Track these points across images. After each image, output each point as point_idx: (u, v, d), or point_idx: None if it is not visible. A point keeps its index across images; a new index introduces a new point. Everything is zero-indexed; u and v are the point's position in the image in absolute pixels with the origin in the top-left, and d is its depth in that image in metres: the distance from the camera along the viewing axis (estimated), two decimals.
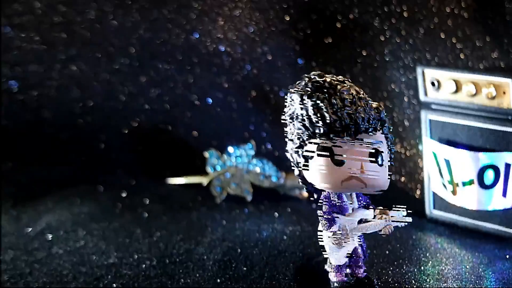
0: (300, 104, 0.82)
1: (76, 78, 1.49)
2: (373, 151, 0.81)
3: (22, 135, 1.51)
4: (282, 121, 0.86)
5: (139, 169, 1.49)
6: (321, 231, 0.86)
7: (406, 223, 0.82)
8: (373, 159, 0.81)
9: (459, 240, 1.13)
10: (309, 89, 0.81)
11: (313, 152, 0.82)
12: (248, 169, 1.30)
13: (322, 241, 0.88)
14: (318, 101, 0.80)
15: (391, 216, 0.82)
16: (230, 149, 1.31)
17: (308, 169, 0.83)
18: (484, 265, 1.03)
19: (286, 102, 0.86)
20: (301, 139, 0.83)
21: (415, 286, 0.96)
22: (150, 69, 1.48)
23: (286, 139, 0.87)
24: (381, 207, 0.84)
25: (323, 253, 0.89)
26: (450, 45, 1.29)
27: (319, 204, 0.85)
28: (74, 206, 1.25)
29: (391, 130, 0.84)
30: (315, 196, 0.87)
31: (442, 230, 1.16)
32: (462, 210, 1.15)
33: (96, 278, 0.99)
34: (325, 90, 0.80)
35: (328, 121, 0.79)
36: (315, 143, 0.82)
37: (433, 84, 1.16)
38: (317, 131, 0.81)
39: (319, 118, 0.80)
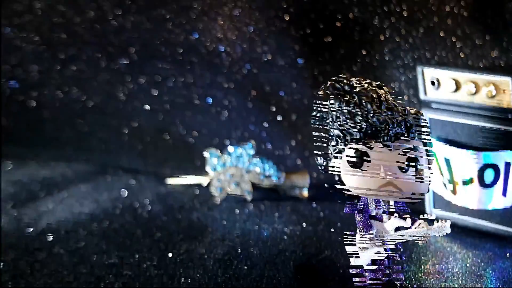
0: (332, 108, 0.83)
1: (76, 78, 1.50)
2: (404, 155, 0.82)
3: (22, 135, 1.52)
4: (315, 125, 0.85)
5: (139, 169, 1.50)
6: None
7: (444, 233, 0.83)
8: (401, 165, 0.82)
9: (459, 239, 1.13)
10: (341, 93, 0.82)
11: (354, 156, 0.83)
12: (248, 169, 1.30)
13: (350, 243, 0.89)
14: (352, 107, 0.81)
15: (429, 227, 0.82)
16: (230, 148, 1.31)
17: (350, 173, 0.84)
18: (484, 264, 1.03)
19: (317, 106, 0.85)
20: (339, 144, 0.84)
21: (415, 286, 0.96)
22: (150, 69, 1.48)
23: (324, 144, 0.87)
24: (422, 219, 0.84)
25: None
26: (449, 44, 1.29)
27: (357, 209, 0.87)
28: (74, 206, 1.25)
29: (424, 135, 0.84)
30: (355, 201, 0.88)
31: None
32: (462, 209, 1.16)
33: (97, 278, 0.99)
34: (360, 96, 0.81)
35: (359, 127, 0.81)
36: (350, 148, 0.83)
37: (433, 83, 1.16)
38: (348, 137, 0.83)
39: (353, 124, 0.81)
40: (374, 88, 0.83)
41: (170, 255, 1.06)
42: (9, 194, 1.31)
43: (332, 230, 1.15)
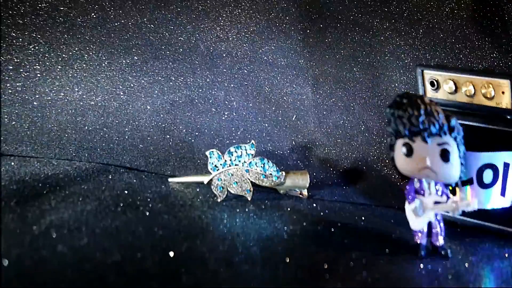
0: (391, 114, 1.02)
1: (78, 77, 1.50)
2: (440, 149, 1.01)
3: (25, 133, 1.52)
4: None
5: (141, 167, 1.50)
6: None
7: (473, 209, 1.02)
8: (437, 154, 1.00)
9: (458, 239, 1.14)
10: (396, 103, 1.01)
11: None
12: (249, 168, 1.31)
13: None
14: (400, 112, 1.00)
15: (460, 203, 1.02)
16: (231, 148, 1.31)
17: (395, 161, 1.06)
18: (483, 264, 1.04)
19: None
20: (392, 138, 1.05)
21: (414, 285, 0.97)
22: (152, 69, 1.49)
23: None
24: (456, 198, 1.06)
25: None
26: (449, 46, 1.30)
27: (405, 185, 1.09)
28: (77, 204, 1.26)
29: (456, 134, 1.00)
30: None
31: None
32: None
33: (100, 275, 0.99)
34: (406, 104, 1.00)
35: (405, 127, 1.01)
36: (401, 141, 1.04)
37: (432, 84, 1.17)
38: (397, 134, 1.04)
39: (400, 124, 1.01)
40: (417, 98, 1.00)
41: (171, 253, 1.07)
42: (12, 191, 1.31)
43: (332, 229, 1.16)
